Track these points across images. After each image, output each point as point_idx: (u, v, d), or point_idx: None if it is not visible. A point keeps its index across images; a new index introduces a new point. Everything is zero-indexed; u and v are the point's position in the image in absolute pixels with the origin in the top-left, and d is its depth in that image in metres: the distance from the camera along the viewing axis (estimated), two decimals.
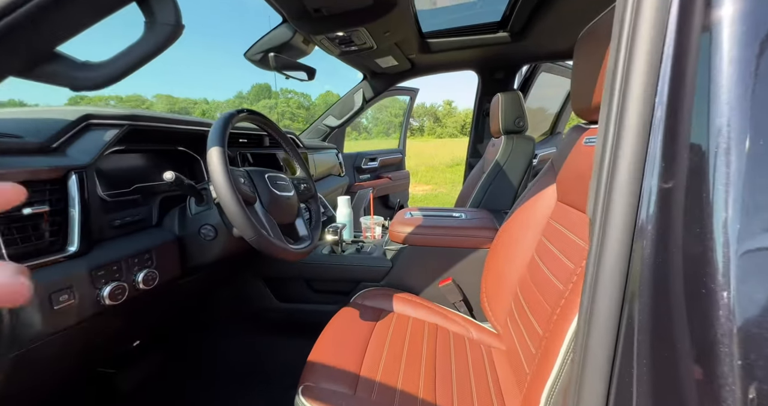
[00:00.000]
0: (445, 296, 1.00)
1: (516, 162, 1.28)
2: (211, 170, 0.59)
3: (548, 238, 0.74)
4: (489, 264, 0.91)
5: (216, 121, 0.64)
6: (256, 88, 70.29)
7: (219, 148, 0.60)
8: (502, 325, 0.84)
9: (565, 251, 0.62)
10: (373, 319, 0.89)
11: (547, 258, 0.70)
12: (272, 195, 0.72)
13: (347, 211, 1.26)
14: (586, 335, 0.30)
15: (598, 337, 0.29)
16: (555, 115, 2.26)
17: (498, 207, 1.30)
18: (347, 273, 1.07)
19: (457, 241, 1.00)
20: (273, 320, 1.15)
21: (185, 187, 0.64)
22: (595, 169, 0.33)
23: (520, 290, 0.79)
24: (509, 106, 1.33)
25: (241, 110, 0.71)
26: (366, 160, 2.48)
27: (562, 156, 0.76)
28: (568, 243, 0.63)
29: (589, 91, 0.60)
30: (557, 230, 0.71)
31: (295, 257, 0.72)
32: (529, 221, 0.82)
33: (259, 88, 68.01)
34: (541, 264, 0.72)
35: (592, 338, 0.29)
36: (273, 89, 72.19)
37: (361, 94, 1.93)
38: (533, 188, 0.84)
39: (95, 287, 0.52)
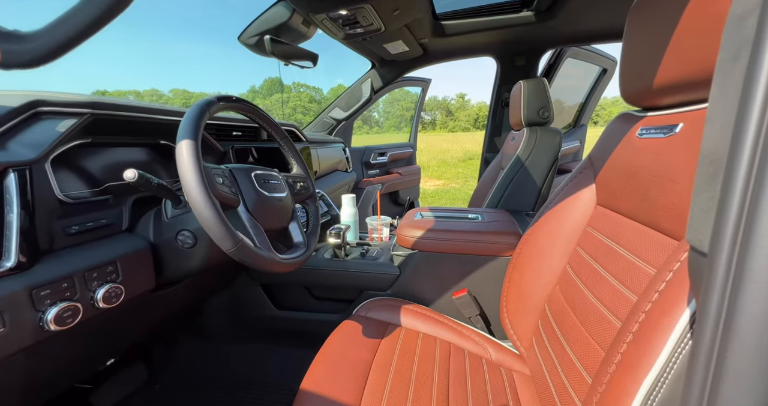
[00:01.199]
0: (459, 309, 0.89)
1: (539, 157, 1.14)
2: (179, 168, 0.49)
3: (586, 249, 0.62)
4: (511, 275, 0.79)
5: (188, 110, 0.54)
6: (268, 82, 70.55)
7: (190, 142, 0.50)
8: (527, 346, 0.73)
9: (616, 271, 0.50)
10: (378, 334, 0.79)
11: (587, 275, 0.58)
12: (259, 197, 0.62)
13: (352, 210, 1.15)
14: None
15: None
16: (579, 105, 2.08)
17: (518, 208, 1.17)
18: (350, 280, 0.97)
19: (474, 247, 0.88)
20: (271, 329, 1.07)
21: (154, 187, 0.54)
22: (705, 179, 0.21)
23: (549, 307, 0.67)
24: (533, 95, 1.19)
25: (222, 97, 0.61)
26: (375, 154, 2.37)
27: (604, 151, 0.63)
28: (619, 261, 0.50)
29: (650, 69, 0.47)
30: (599, 242, 0.58)
31: (286, 268, 0.62)
32: (560, 227, 0.70)
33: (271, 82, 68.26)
34: (578, 281, 0.60)
35: None
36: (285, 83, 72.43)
37: (369, 84, 1.81)
38: (566, 189, 0.71)
39: (37, 310, 0.43)
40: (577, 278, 0.61)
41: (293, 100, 79.45)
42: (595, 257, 0.58)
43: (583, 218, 0.66)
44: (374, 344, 0.75)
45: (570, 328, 0.59)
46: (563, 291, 0.65)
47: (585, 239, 0.63)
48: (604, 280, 0.53)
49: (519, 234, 0.87)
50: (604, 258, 0.55)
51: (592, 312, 0.54)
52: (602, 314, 0.51)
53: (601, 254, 0.56)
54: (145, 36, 24.92)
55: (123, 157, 0.69)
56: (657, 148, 0.45)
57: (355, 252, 1.05)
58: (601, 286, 0.53)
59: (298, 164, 0.83)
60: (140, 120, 0.66)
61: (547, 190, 1.16)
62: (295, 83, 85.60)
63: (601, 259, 0.56)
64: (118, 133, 0.66)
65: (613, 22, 1.32)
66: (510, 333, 0.77)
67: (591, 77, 2.07)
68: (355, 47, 1.46)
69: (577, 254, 0.64)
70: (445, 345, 0.78)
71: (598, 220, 0.62)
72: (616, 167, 0.57)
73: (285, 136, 0.80)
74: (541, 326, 0.69)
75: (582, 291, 0.58)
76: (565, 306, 0.62)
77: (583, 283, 0.59)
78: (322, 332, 1.02)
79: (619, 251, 0.52)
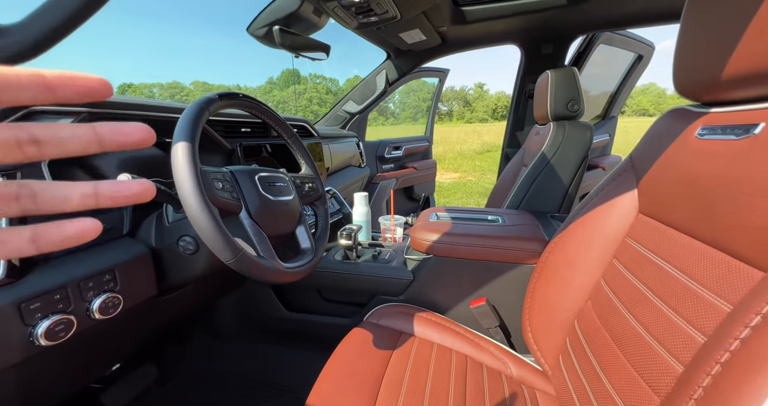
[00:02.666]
0: (477, 319, 0.83)
1: (567, 154, 1.05)
2: (174, 173, 0.46)
3: (625, 263, 0.54)
4: (536, 285, 0.73)
5: (187, 109, 0.50)
6: (285, 73, 70.94)
7: (186, 145, 0.46)
8: (552, 363, 0.67)
9: (667, 294, 0.43)
10: (390, 345, 0.75)
11: (627, 293, 0.51)
12: (263, 201, 0.58)
13: (364, 209, 1.10)
14: None
15: None
16: (609, 95, 1.93)
17: (542, 209, 1.09)
18: (362, 284, 0.93)
19: (494, 254, 0.82)
20: (281, 330, 1.04)
21: None
22: None
23: (579, 324, 0.61)
24: (561, 86, 1.09)
25: (224, 95, 0.56)
26: (390, 148, 2.30)
27: (651, 152, 0.55)
28: (671, 283, 0.43)
29: (717, 56, 0.39)
30: (641, 256, 0.51)
31: (290, 278, 0.58)
32: (593, 236, 0.63)
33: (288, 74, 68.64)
34: (615, 299, 0.53)
35: None
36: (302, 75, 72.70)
37: (384, 75, 1.73)
38: (601, 193, 0.64)
39: (26, 324, 0.41)
40: (613, 295, 0.55)
41: (309, 92, 79.71)
42: (636, 274, 0.51)
43: (621, 228, 0.58)
44: (385, 356, 0.71)
45: (604, 350, 0.53)
46: (596, 307, 0.58)
47: (623, 251, 0.56)
48: (648, 302, 0.46)
49: (544, 241, 0.80)
50: (650, 276, 0.48)
51: (632, 337, 0.47)
52: (646, 341, 0.44)
53: (645, 271, 0.49)
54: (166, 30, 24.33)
55: (124, 157, 0.66)
56: (725, 153, 0.38)
57: (367, 254, 1.01)
58: (646, 308, 0.46)
59: (307, 164, 0.79)
60: (141, 118, 0.63)
61: (574, 190, 1.07)
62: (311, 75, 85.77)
63: (645, 276, 0.49)
64: None
65: (657, 2, 1.18)
66: (533, 348, 0.71)
67: (621, 64, 1.91)
68: (369, 37, 1.39)
69: (613, 268, 0.57)
70: (462, 358, 0.73)
71: (640, 231, 0.54)
72: (667, 172, 0.49)
73: (293, 134, 0.76)
74: (570, 343, 0.62)
75: (619, 310, 0.52)
76: (598, 325, 0.56)
77: (621, 301, 0.52)
78: (332, 336, 0.99)
79: (670, 270, 0.45)
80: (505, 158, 1.71)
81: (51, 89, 0.14)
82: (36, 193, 0.15)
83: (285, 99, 57.80)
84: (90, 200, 0.16)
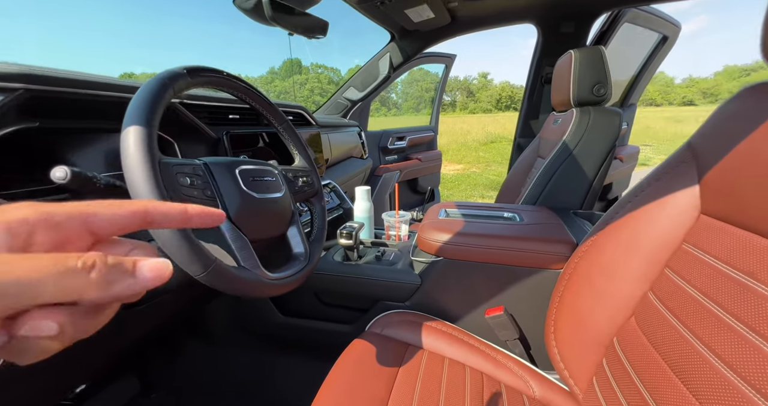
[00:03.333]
0: (492, 329, 0.74)
1: (593, 144, 0.94)
2: (123, 167, 0.36)
3: (683, 274, 0.45)
4: (563, 295, 0.63)
5: (141, 87, 0.40)
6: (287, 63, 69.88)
7: (139, 130, 0.36)
8: (584, 385, 0.58)
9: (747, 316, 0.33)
10: (396, 359, 0.66)
11: (689, 311, 0.41)
12: (245, 200, 0.48)
13: (366, 205, 1.01)
14: None
15: None
16: (629, 80, 1.79)
17: (563, 205, 0.98)
18: (364, 288, 0.84)
19: (514, 257, 0.72)
20: (276, 336, 0.96)
21: (101, 189, 0.41)
22: None
23: (620, 344, 0.52)
24: (587, 68, 0.98)
25: (193, 70, 0.46)
26: (393, 138, 2.19)
27: (722, 140, 0.44)
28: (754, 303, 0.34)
29: None
30: (707, 266, 0.41)
31: (277, 291, 0.49)
32: (637, 240, 0.53)
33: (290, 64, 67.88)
34: (672, 317, 0.44)
35: None
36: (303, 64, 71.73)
37: (387, 59, 1.61)
38: (648, 190, 0.54)
39: None
40: (667, 311, 0.45)
41: (311, 82, 78.65)
42: (701, 288, 0.41)
43: (675, 231, 0.48)
44: (391, 374, 0.63)
45: (655, 375, 0.44)
46: (644, 326, 0.49)
47: (680, 260, 0.46)
48: (720, 323, 0.37)
49: (573, 243, 0.70)
50: (723, 293, 0.38)
51: (696, 363, 0.38)
52: (716, 370, 0.35)
53: (715, 286, 0.40)
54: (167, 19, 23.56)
55: (85, 146, 0.56)
56: None
57: (370, 254, 0.92)
58: (715, 330, 0.37)
59: (301, 155, 0.69)
60: (100, 99, 0.52)
61: (599, 184, 0.96)
62: (313, 64, 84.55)
63: (715, 293, 0.39)
64: (75, 116, 0.53)
65: None
66: (559, 366, 0.62)
67: (639, 46, 1.76)
68: (372, 14, 1.26)
69: (665, 279, 0.48)
70: (477, 376, 0.64)
71: (704, 235, 0.44)
72: (749, 164, 0.39)
73: (284, 120, 0.66)
74: (608, 365, 0.53)
75: (678, 331, 0.42)
76: (648, 347, 0.46)
77: (679, 319, 0.43)
78: (333, 343, 0.91)
79: (753, 285, 0.35)
80: (517, 149, 1.59)
81: (189, 219, 0.20)
82: None
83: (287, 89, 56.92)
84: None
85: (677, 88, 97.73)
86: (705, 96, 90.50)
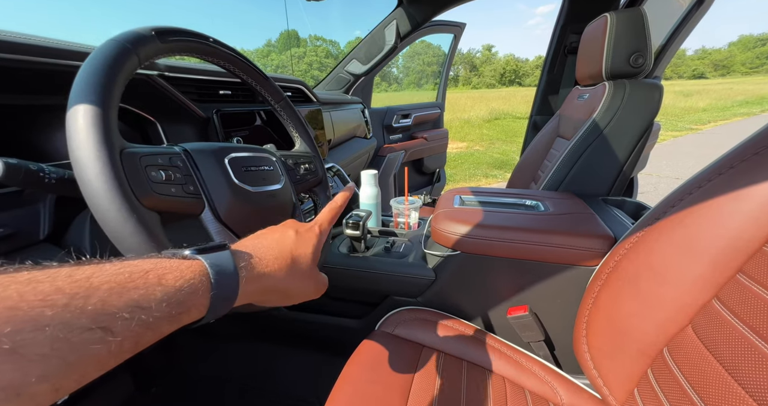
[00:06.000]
0: (515, 329, 0.69)
1: (628, 122, 0.84)
2: (71, 156, 0.27)
3: (763, 281, 0.37)
4: (598, 295, 0.57)
5: (93, 53, 0.31)
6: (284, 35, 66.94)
7: (91, 110, 0.28)
8: (622, 396, 0.52)
9: None
10: (411, 364, 0.61)
11: None
12: (236, 194, 0.40)
13: (373, 191, 0.93)
14: None
15: None
16: (657, 49, 1.63)
17: (589, 191, 0.90)
18: (372, 283, 0.77)
19: (542, 252, 0.65)
20: (280, 330, 0.91)
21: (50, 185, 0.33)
22: None
23: (673, 356, 0.46)
24: (625, 33, 0.86)
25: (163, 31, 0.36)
26: (398, 116, 2.07)
27: None
28: None
29: None
30: None
31: None
32: (700, 240, 0.45)
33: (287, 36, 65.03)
34: (746, 330, 0.37)
35: None
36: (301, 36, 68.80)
37: (393, 28, 1.46)
38: (716, 180, 0.45)
39: None
40: (740, 323, 0.38)
41: (309, 56, 75.75)
42: None
43: (754, 230, 0.40)
44: (406, 381, 0.57)
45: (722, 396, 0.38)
46: (705, 338, 0.42)
47: (759, 264, 0.39)
48: None
49: (610, 238, 0.62)
50: None
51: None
52: None
53: None
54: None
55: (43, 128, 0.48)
56: None
57: (378, 245, 0.85)
58: None
59: (303, 137, 0.59)
60: (45, 68, 0.43)
61: (630, 167, 0.87)
62: (311, 36, 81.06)
63: None
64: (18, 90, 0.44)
65: None
66: (591, 373, 0.56)
67: (670, 8, 1.58)
68: None
69: (737, 286, 0.40)
70: (499, 381, 0.59)
71: None
72: None
73: (282, 97, 0.56)
74: (654, 376, 0.47)
75: (754, 346, 0.36)
76: (711, 362, 0.40)
77: (757, 334, 0.36)
78: (341, 339, 0.86)
79: None
80: (533, 128, 1.48)
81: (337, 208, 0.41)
82: None
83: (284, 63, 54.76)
84: None
85: (688, 60, 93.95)
86: (716, 68, 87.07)
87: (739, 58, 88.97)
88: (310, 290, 0.34)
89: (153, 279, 0.19)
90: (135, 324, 0.17)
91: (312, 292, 0.34)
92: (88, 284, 0.16)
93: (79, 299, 0.15)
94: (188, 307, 0.20)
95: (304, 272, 0.31)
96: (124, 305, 0.17)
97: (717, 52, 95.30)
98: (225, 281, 0.23)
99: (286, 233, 0.32)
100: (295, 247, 0.31)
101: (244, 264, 0.25)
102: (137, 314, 0.17)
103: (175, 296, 0.19)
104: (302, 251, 0.31)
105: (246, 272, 0.25)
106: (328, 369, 0.86)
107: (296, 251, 0.31)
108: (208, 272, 0.22)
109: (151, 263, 0.20)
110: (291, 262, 0.29)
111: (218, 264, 0.23)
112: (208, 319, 0.23)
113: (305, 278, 0.32)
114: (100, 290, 0.16)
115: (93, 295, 0.16)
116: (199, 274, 0.21)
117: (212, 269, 0.22)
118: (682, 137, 6.75)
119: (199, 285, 0.21)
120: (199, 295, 0.21)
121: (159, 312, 0.18)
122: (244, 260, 0.26)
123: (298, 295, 0.33)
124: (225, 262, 0.24)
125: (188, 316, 0.20)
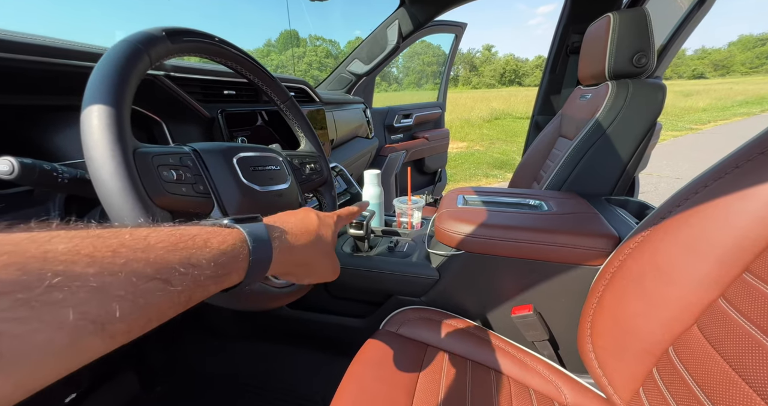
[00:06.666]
0: (519, 329, 0.69)
1: (630, 122, 0.85)
2: (86, 157, 0.28)
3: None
4: (603, 295, 0.57)
5: (106, 54, 0.31)
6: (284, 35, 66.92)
7: (105, 110, 0.28)
8: (627, 395, 0.53)
9: None
10: (415, 363, 0.61)
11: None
12: (245, 194, 0.41)
13: (376, 191, 0.93)
14: None
15: None
16: (657, 50, 1.64)
17: (591, 190, 0.90)
18: (376, 283, 0.78)
19: (547, 251, 0.65)
20: (284, 329, 0.92)
21: (63, 185, 0.33)
22: None
23: (678, 355, 0.46)
24: (628, 33, 0.86)
25: (174, 31, 0.36)
26: (399, 116, 2.07)
27: None
28: None
29: None
30: None
31: (287, 300, 0.42)
32: (707, 239, 0.45)
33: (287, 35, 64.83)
34: (753, 329, 0.37)
35: None
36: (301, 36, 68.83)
37: (396, 28, 1.46)
38: (723, 180, 0.45)
39: None
40: (746, 322, 0.38)
41: (309, 55, 75.75)
42: None
43: (758, 230, 0.41)
44: (411, 380, 0.58)
45: (730, 395, 0.38)
46: (711, 336, 0.42)
47: (766, 264, 0.39)
48: None
49: (615, 237, 0.63)
50: None
51: None
52: None
53: None
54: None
55: (57, 128, 0.48)
56: None
57: (381, 244, 0.85)
58: None
59: (308, 137, 0.60)
60: (56, 69, 0.43)
61: (633, 167, 0.88)
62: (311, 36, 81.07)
63: None
64: (27, 91, 0.44)
65: None
66: (596, 372, 0.57)
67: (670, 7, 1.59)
68: None
69: (744, 285, 0.41)
70: (504, 381, 0.59)
71: None
72: None
73: (287, 97, 0.56)
74: (660, 375, 0.48)
75: (761, 345, 0.36)
76: (718, 361, 0.40)
77: (766, 334, 0.36)
78: (345, 338, 0.86)
79: None
80: (535, 128, 1.48)
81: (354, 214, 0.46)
82: None
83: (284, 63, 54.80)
84: None
85: (688, 60, 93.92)
86: (716, 68, 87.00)
87: (739, 58, 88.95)
88: (329, 269, 0.36)
89: (200, 242, 0.20)
90: (189, 280, 0.19)
91: (330, 272, 0.37)
92: (146, 242, 0.18)
93: (141, 253, 0.17)
94: (230, 270, 0.22)
95: (327, 250, 0.34)
96: (179, 261, 0.19)
97: (717, 52, 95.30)
98: (261, 247, 0.25)
99: (308, 215, 0.34)
100: (318, 226, 0.33)
101: (277, 234, 0.27)
102: (190, 270, 0.19)
103: (221, 259, 0.21)
104: (324, 232, 0.34)
105: (279, 242, 0.27)
106: (332, 369, 0.86)
107: (320, 231, 0.33)
108: (246, 239, 0.24)
109: (197, 228, 0.22)
110: (316, 238, 0.32)
111: (254, 233, 0.25)
112: (246, 284, 0.24)
113: (327, 256, 0.34)
114: (156, 247, 0.18)
115: (152, 251, 0.18)
116: (239, 240, 0.23)
117: (250, 237, 0.24)
118: (682, 137, 6.75)
119: (240, 250, 0.23)
120: (240, 259, 0.23)
121: (208, 270, 0.20)
122: (277, 231, 0.28)
123: (319, 272, 0.35)
124: (260, 231, 0.25)
125: (229, 279, 0.22)
